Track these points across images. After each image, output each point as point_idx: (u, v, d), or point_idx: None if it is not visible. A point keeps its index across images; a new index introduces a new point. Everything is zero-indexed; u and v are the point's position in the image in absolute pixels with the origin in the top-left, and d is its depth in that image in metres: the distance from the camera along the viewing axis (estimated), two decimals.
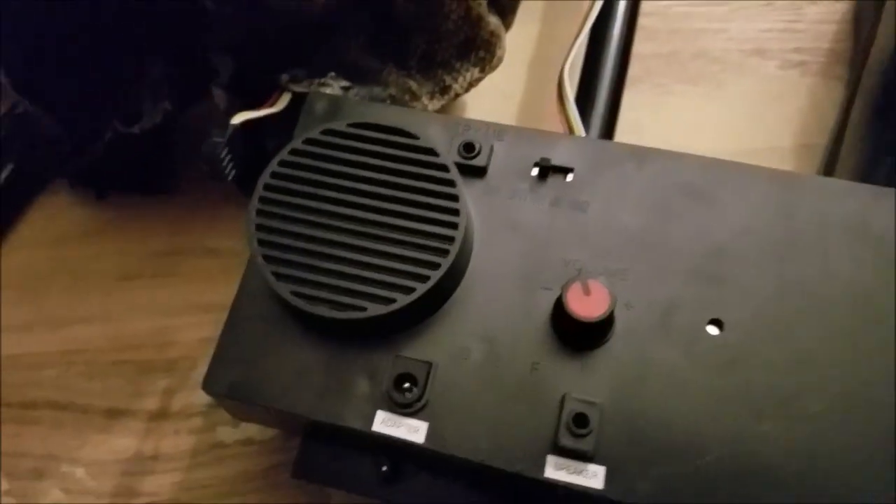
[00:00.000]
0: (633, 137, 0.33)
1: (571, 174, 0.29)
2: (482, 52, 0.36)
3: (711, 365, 0.26)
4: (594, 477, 0.25)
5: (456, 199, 0.28)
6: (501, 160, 0.30)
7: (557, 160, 0.29)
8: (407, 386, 0.27)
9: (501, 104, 0.42)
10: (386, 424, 0.26)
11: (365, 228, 0.28)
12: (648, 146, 0.30)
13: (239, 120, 0.31)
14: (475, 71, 0.36)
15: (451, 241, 0.27)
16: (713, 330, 0.27)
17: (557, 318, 0.27)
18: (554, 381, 0.26)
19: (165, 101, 0.36)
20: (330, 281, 0.27)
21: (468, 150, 0.30)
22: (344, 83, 0.34)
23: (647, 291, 0.27)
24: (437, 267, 0.27)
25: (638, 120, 0.41)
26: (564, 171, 0.29)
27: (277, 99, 0.33)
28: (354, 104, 0.32)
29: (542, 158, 0.29)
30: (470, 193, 0.29)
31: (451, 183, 0.28)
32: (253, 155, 0.33)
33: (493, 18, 0.36)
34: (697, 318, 0.27)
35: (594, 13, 0.37)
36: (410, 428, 0.26)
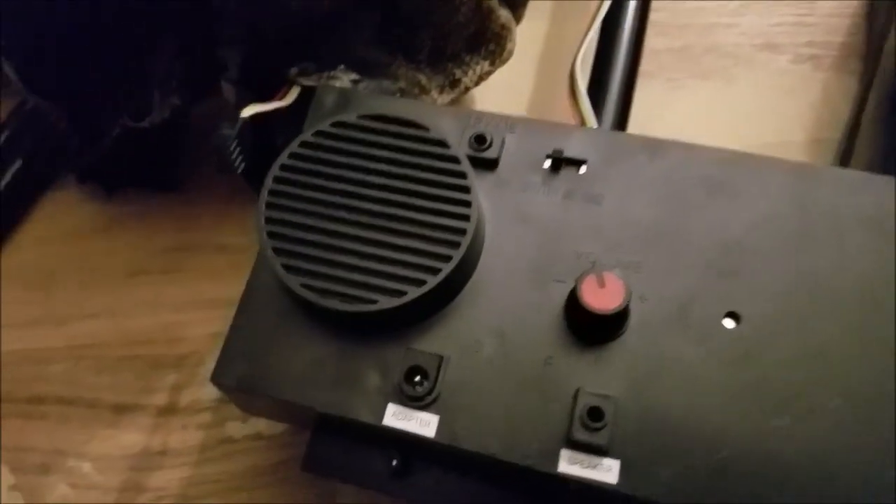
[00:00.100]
0: (644, 132, 0.32)
1: (585, 166, 0.29)
2: (492, 45, 0.36)
3: (727, 359, 0.26)
4: (608, 471, 0.24)
5: (467, 190, 0.27)
6: (513, 152, 0.30)
7: (570, 152, 0.29)
8: (418, 379, 0.26)
9: (511, 100, 0.42)
10: (397, 418, 0.26)
11: (375, 221, 0.28)
12: (663, 138, 0.29)
13: (248, 113, 0.31)
14: (485, 64, 0.36)
15: (462, 233, 0.27)
16: (729, 323, 0.26)
17: (571, 310, 0.27)
18: (567, 374, 0.26)
19: (174, 95, 0.36)
20: (340, 273, 0.27)
21: (479, 141, 0.29)
22: (353, 76, 0.33)
23: (661, 284, 0.27)
24: (448, 259, 0.27)
25: (650, 114, 0.40)
26: (577, 163, 0.29)
27: (287, 92, 0.33)
28: (364, 97, 0.32)
29: (554, 150, 0.29)
30: (481, 186, 0.29)
31: (462, 175, 0.28)
32: (262, 149, 0.33)
33: (503, 11, 0.36)
34: (713, 311, 0.26)
35: (605, 6, 0.37)
36: (421, 421, 0.26)
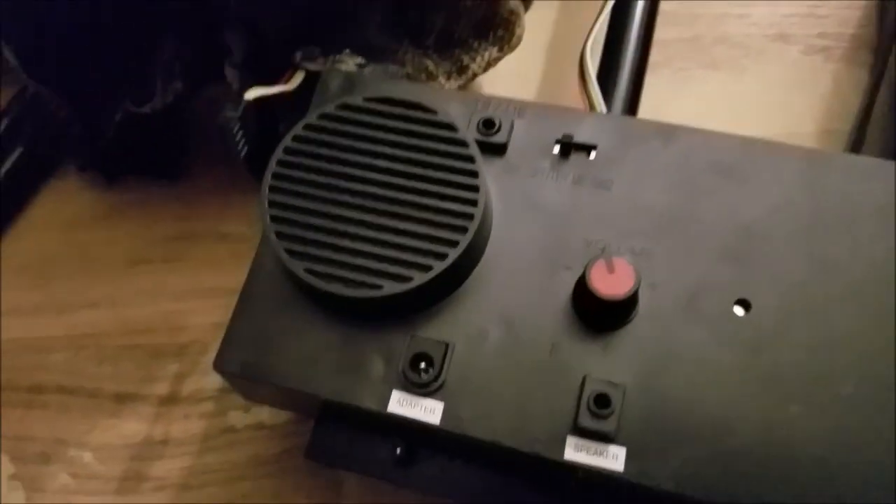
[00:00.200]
0: None
1: (594, 152, 0.29)
2: (501, 30, 0.35)
3: (738, 346, 0.25)
4: (615, 459, 0.24)
5: (475, 175, 0.27)
6: (522, 137, 0.29)
7: (580, 137, 0.29)
8: (423, 366, 0.26)
9: (519, 87, 0.41)
10: (401, 405, 0.26)
11: (381, 205, 0.27)
12: (674, 123, 0.29)
13: (252, 95, 0.30)
14: (493, 50, 0.35)
15: (469, 218, 0.26)
16: (740, 310, 0.26)
17: (580, 297, 0.26)
18: (575, 362, 0.26)
19: (177, 80, 0.35)
20: (345, 258, 0.26)
21: (488, 126, 0.29)
22: (359, 60, 0.33)
23: (672, 271, 0.26)
24: (455, 245, 0.26)
25: (659, 104, 0.40)
26: (587, 148, 0.29)
27: (291, 77, 0.33)
28: (370, 80, 0.31)
29: (564, 135, 0.28)
30: (489, 171, 0.28)
31: (470, 159, 0.27)
32: (265, 135, 0.32)
33: None
34: (724, 298, 0.26)
35: None
36: (426, 408, 0.25)
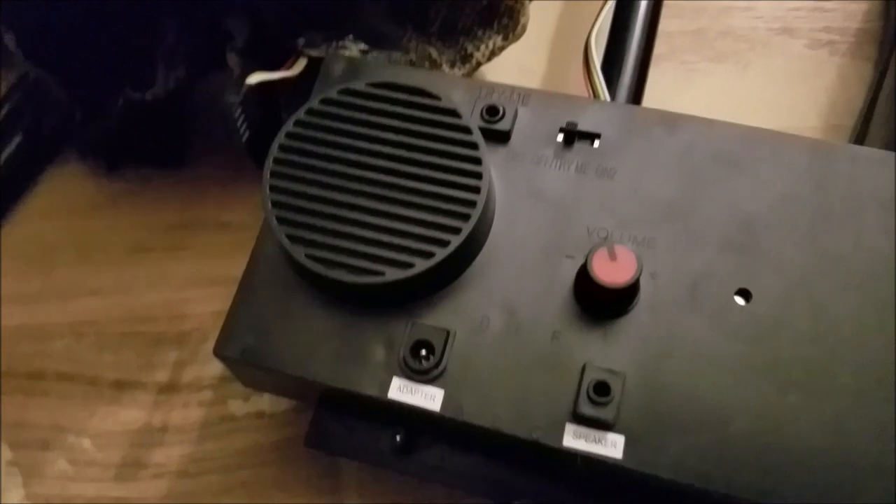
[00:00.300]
0: None
1: (598, 140, 0.28)
2: (505, 19, 0.35)
3: (738, 336, 0.25)
4: (613, 446, 0.24)
5: (478, 162, 0.27)
6: (526, 125, 0.29)
7: (584, 125, 0.28)
8: (424, 353, 0.26)
9: (523, 77, 0.41)
10: (401, 391, 0.26)
11: (383, 191, 0.27)
12: (678, 112, 0.29)
13: (254, 80, 0.30)
14: (498, 39, 0.35)
15: (472, 205, 0.26)
16: (740, 300, 0.26)
17: (581, 285, 0.26)
18: (575, 350, 0.25)
19: (179, 67, 0.35)
20: (347, 244, 0.26)
21: (491, 113, 0.29)
22: (362, 47, 0.33)
23: (674, 260, 0.26)
24: (457, 232, 0.26)
25: (663, 97, 0.39)
26: (591, 136, 0.28)
27: (294, 63, 0.33)
28: (373, 66, 0.31)
29: (568, 123, 0.28)
30: (492, 158, 0.28)
31: (473, 146, 0.27)
32: (267, 119, 0.32)
33: None
34: (725, 287, 0.26)
35: None
36: (426, 395, 0.25)
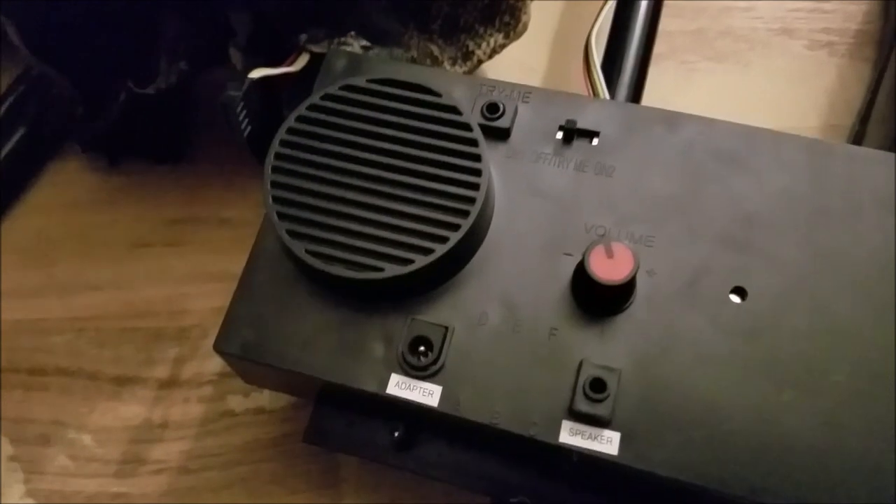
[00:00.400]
0: None
1: (597, 138, 0.29)
2: (507, 16, 0.35)
3: (734, 333, 0.25)
4: (609, 443, 0.24)
5: (478, 158, 0.27)
6: (526, 123, 0.29)
7: (583, 123, 0.29)
8: (422, 349, 0.26)
9: (524, 75, 0.41)
10: (400, 387, 0.26)
11: (383, 187, 0.27)
12: (678, 111, 0.29)
13: (257, 75, 0.30)
14: (499, 37, 0.35)
15: (471, 202, 0.26)
16: (737, 298, 0.26)
17: (578, 282, 0.26)
18: (572, 346, 0.26)
19: (181, 61, 0.35)
20: (346, 240, 0.26)
21: (492, 110, 0.29)
22: (364, 43, 0.33)
23: (671, 258, 0.26)
24: (456, 228, 0.26)
25: (663, 97, 0.39)
26: (590, 134, 0.29)
27: (296, 59, 0.33)
28: (375, 62, 0.31)
29: (567, 121, 0.28)
30: (492, 156, 0.28)
31: (473, 142, 0.27)
32: (269, 118, 0.32)
33: None
34: (722, 285, 0.26)
35: None
36: (424, 391, 0.25)
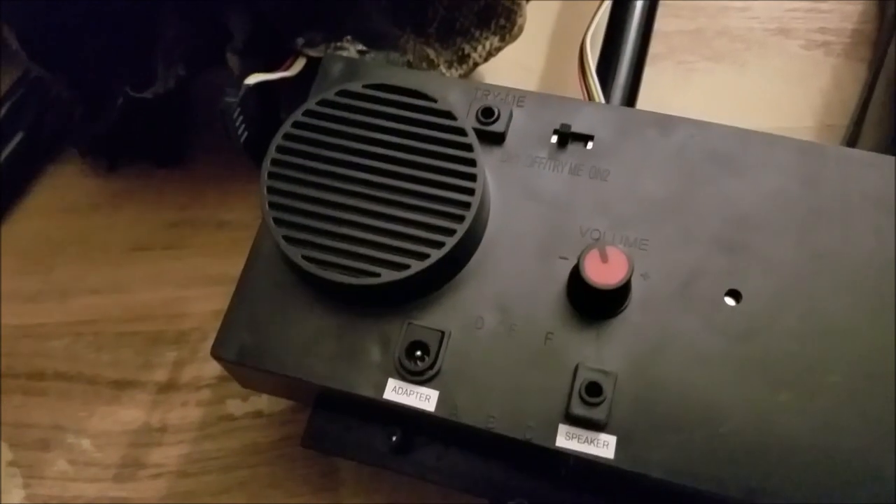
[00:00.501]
0: None
1: (592, 142, 0.29)
2: (502, 20, 0.35)
3: (729, 335, 0.25)
4: (605, 446, 0.24)
5: (473, 163, 0.27)
6: (520, 127, 0.29)
7: (578, 127, 0.29)
8: (419, 354, 0.26)
9: (520, 77, 0.41)
10: (397, 392, 0.26)
11: (379, 193, 0.27)
12: (672, 114, 0.29)
13: (253, 80, 0.31)
14: (495, 40, 0.35)
15: (467, 207, 0.26)
16: (731, 300, 0.26)
17: (573, 286, 0.26)
18: (568, 350, 0.26)
19: (179, 65, 0.35)
20: (343, 246, 0.27)
21: (486, 115, 0.29)
22: (360, 47, 0.33)
23: (666, 261, 0.27)
24: (452, 233, 0.26)
25: (660, 97, 0.40)
26: (585, 138, 0.29)
27: (292, 63, 0.33)
28: (371, 67, 0.31)
29: (562, 125, 0.29)
30: (487, 160, 0.28)
31: (468, 147, 0.27)
32: (266, 121, 0.32)
33: None
34: (716, 287, 0.26)
35: None
36: (421, 396, 0.26)
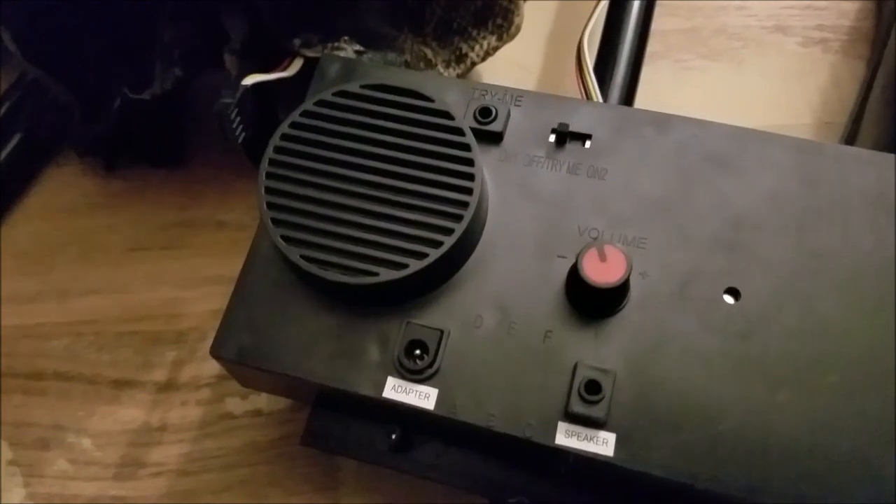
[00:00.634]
0: None
1: (590, 141, 0.29)
2: (500, 19, 0.35)
3: (727, 334, 0.25)
4: (604, 444, 0.24)
5: (471, 163, 0.27)
6: (518, 126, 0.29)
7: (576, 126, 0.29)
8: (418, 353, 0.26)
9: (518, 76, 0.41)
10: (396, 391, 0.26)
11: (377, 192, 0.27)
12: (669, 113, 0.29)
13: (250, 81, 0.31)
14: (492, 39, 0.36)
15: (465, 206, 0.27)
16: (730, 298, 0.26)
17: (572, 284, 0.26)
18: (567, 349, 0.26)
19: (176, 66, 0.35)
20: (341, 245, 0.27)
21: (484, 115, 0.29)
22: (358, 47, 0.33)
23: (664, 259, 0.27)
24: (450, 233, 0.26)
25: (658, 95, 0.40)
26: (583, 137, 0.29)
27: (290, 64, 0.33)
28: (368, 67, 0.31)
29: (559, 124, 0.29)
30: (485, 159, 0.29)
31: (466, 147, 0.27)
32: (264, 122, 0.32)
33: None
34: (714, 286, 0.26)
35: None
36: (420, 394, 0.26)
